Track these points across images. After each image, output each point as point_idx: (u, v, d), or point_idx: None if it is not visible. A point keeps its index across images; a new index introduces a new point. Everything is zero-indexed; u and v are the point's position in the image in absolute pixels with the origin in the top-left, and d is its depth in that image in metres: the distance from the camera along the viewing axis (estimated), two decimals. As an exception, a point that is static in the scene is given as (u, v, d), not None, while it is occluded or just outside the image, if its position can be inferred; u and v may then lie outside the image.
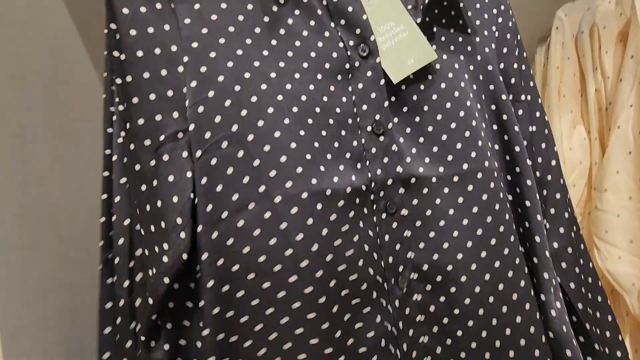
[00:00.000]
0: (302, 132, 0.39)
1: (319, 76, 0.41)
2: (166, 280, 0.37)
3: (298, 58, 0.40)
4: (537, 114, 0.53)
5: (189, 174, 0.38)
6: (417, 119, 0.45)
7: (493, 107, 0.48)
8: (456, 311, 0.42)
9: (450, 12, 0.49)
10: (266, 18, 0.40)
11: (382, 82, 0.42)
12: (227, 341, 0.37)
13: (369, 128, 0.42)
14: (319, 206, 0.38)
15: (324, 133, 0.40)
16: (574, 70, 0.75)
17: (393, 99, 0.44)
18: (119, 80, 0.38)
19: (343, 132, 0.41)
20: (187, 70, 0.37)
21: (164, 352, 0.38)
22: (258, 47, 0.39)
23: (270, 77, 0.39)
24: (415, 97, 0.45)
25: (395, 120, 0.44)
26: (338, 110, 0.41)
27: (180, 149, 0.38)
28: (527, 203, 0.47)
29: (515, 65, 0.51)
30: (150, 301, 0.37)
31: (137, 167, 0.38)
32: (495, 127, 0.48)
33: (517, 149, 0.47)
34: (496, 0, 0.52)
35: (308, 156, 0.39)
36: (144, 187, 0.38)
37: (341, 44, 0.42)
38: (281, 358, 0.37)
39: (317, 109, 0.40)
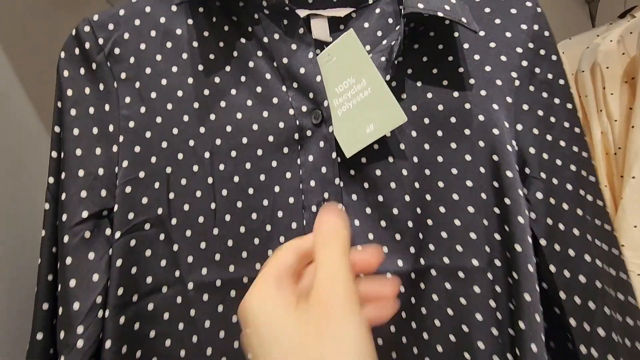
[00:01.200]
0: (227, 217, 0.38)
1: (259, 152, 0.38)
2: None
3: (237, 133, 0.38)
4: (565, 206, 0.36)
5: (110, 252, 0.37)
6: (380, 198, 0.37)
7: (495, 184, 0.36)
8: None
9: (442, 52, 0.38)
10: (206, 91, 0.39)
11: (334, 155, 0.37)
12: None
13: (314, 208, 0.37)
14: (232, 293, 0.37)
15: (254, 216, 0.38)
16: (575, 110, 0.73)
17: (352, 172, 0.38)
18: (54, 154, 0.39)
19: (280, 214, 0.38)
20: (121, 150, 0.38)
21: None
22: (195, 124, 0.38)
23: (204, 157, 0.38)
24: (379, 172, 0.37)
25: (354, 197, 0.38)
26: (277, 189, 0.38)
27: (104, 227, 0.38)
28: (522, 325, 0.33)
29: (537, 131, 0.37)
30: None
31: (59, 244, 0.38)
32: (497, 210, 0.36)
33: (518, 248, 0.34)
34: (527, 34, 0.37)
35: (230, 242, 0.38)
36: (59, 265, 0.37)
37: (291, 111, 0.38)
38: None
39: (250, 190, 0.38)
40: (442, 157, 0.37)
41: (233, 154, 0.38)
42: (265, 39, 0.39)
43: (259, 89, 0.39)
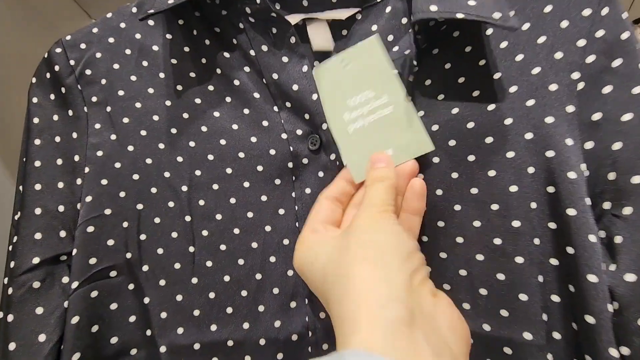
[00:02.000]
0: (209, 264, 0.32)
1: (246, 184, 0.33)
2: None
3: (220, 162, 0.33)
4: None
5: (65, 305, 0.31)
6: None
7: (552, 225, 0.27)
8: None
9: (471, 55, 0.30)
10: (185, 114, 0.34)
11: None
12: None
13: None
14: None
15: (240, 262, 0.32)
16: None
17: None
18: (20, 188, 0.33)
19: (272, 259, 0.32)
20: (85, 183, 0.32)
21: None
22: (171, 153, 0.33)
23: (181, 191, 0.33)
24: None
25: None
26: (268, 228, 0.33)
27: (60, 275, 0.32)
28: None
29: (619, 145, 0.26)
30: None
31: (2, 297, 0.31)
32: (555, 262, 0.27)
33: (590, 320, 0.24)
34: (592, 20, 0.28)
35: (212, 295, 0.31)
36: None
37: (284, 135, 0.33)
38: None
39: (236, 230, 0.32)
40: (477, 188, 0.29)
41: (215, 187, 0.33)
42: (252, 52, 0.33)
43: (246, 111, 0.34)
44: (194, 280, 0.32)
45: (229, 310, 0.31)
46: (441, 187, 0.30)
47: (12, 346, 0.29)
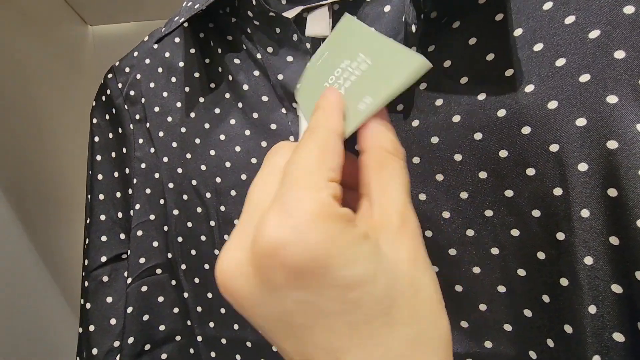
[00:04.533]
0: None
1: None
2: None
3: (235, 169, 0.34)
4: None
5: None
6: None
7: (614, 240, 0.21)
8: None
9: (502, 24, 0.24)
10: (207, 125, 0.36)
11: None
12: None
13: None
14: (238, 357, 0.33)
15: None
16: None
17: None
18: (89, 197, 0.40)
19: None
20: (134, 193, 0.38)
21: None
22: (197, 162, 0.36)
23: (206, 197, 0.35)
24: None
25: None
26: None
27: (122, 270, 0.38)
28: None
29: None
30: None
31: (82, 289, 0.39)
32: (618, 289, 0.21)
33: None
34: None
35: None
36: (81, 310, 0.38)
37: (292, 138, 0.32)
38: None
39: None
40: (512, 190, 0.24)
41: (233, 193, 0.34)
42: (259, 55, 0.33)
43: (255, 115, 0.34)
44: None
45: None
46: (467, 189, 0.25)
47: (91, 328, 0.37)
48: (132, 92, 0.39)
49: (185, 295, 0.36)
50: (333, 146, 0.19)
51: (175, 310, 0.36)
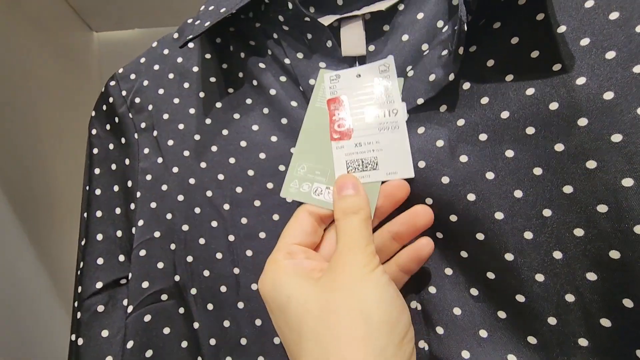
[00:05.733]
0: (254, 287, 0.30)
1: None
2: None
3: (261, 177, 0.31)
4: None
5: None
6: (464, 254, 0.26)
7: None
8: None
9: (545, 23, 0.24)
10: (225, 131, 0.33)
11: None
12: None
13: None
14: None
15: None
16: None
17: None
18: (84, 215, 0.36)
19: None
20: (137, 208, 0.33)
21: None
22: (213, 171, 0.32)
23: (223, 210, 0.31)
24: (454, 218, 0.26)
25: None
26: None
27: (121, 297, 0.33)
28: None
29: None
30: None
31: (72, 321, 0.33)
32: None
33: None
34: None
35: (258, 322, 0.29)
36: (71, 346, 0.33)
37: None
38: None
39: None
40: (571, 186, 0.22)
41: (257, 203, 0.30)
42: (287, 60, 0.31)
43: (284, 121, 0.31)
44: (240, 305, 0.30)
45: (277, 340, 0.29)
46: (521, 187, 0.23)
47: (82, 368, 0.31)
48: (137, 100, 0.35)
49: (196, 325, 0.31)
50: (299, 220, 0.26)
51: (184, 344, 0.31)
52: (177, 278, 0.32)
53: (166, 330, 0.31)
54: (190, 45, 0.35)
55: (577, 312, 0.22)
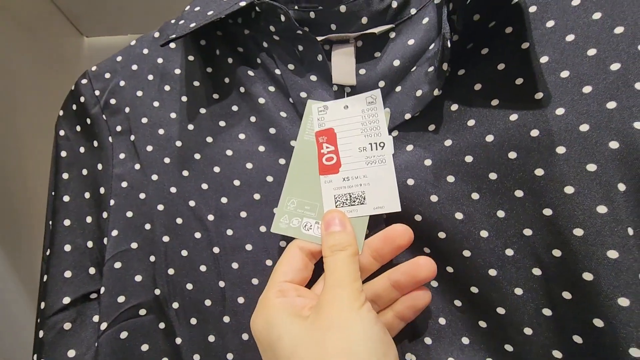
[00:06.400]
0: (241, 300, 0.29)
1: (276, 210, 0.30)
2: None
3: (247, 188, 0.30)
4: None
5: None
6: (450, 269, 0.28)
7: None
8: None
9: (529, 53, 0.26)
10: (209, 138, 0.31)
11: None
12: None
13: None
14: None
15: None
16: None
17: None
18: (50, 223, 0.33)
19: None
20: (111, 217, 0.31)
21: None
22: (196, 180, 0.31)
23: (207, 221, 0.30)
24: (443, 235, 0.27)
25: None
26: None
27: (91, 314, 0.30)
28: None
29: None
30: None
31: (34, 340, 0.30)
32: None
33: None
34: None
35: (245, 336, 0.29)
36: None
37: None
38: None
39: (269, 262, 0.29)
40: (550, 209, 0.23)
41: (243, 214, 0.30)
42: (277, 71, 0.31)
43: (272, 131, 0.30)
44: (226, 319, 0.29)
45: None
46: (504, 208, 0.25)
47: (44, 392, 0.28)
48: (113, 101, 0.33)
49: (178, 341, 0.29)
50: (290, 256, 0.26)
51: None
52: (157, 292, 0.30)
53: (144, 347, 0.29)
54: (172, 45, 0.33)
55: (551, 325, 0.23)
